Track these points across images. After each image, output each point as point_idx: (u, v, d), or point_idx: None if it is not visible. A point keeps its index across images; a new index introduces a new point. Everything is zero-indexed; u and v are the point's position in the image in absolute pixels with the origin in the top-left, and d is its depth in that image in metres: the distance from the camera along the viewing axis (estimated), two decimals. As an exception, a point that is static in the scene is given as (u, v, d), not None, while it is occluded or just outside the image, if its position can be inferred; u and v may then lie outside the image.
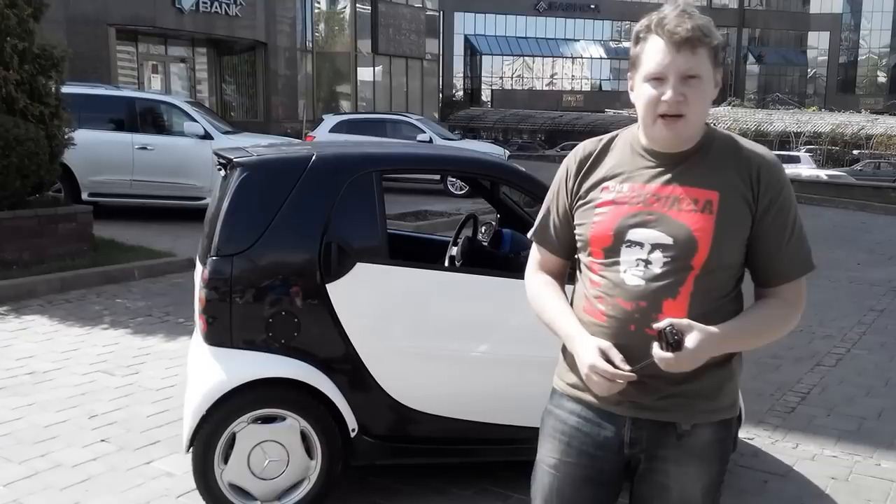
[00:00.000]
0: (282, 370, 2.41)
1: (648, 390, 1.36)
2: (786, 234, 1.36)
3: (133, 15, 15.29)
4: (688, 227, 1.31)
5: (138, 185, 8.18)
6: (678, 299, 1.32)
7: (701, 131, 1.37)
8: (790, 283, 1.38)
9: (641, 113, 1.34)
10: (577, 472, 1.44)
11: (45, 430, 3.16)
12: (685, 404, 1.37)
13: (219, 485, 2.40)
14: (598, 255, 1.38)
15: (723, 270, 1.35)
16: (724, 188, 1.33)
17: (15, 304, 5.09)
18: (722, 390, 1.41)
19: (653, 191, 1.35)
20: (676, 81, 1.28)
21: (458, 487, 2.75)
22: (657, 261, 1.32)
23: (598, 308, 1.38)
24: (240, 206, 2.46)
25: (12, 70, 5.78)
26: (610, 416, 1.40)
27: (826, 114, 33.53)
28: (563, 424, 1.45)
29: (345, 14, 25.01)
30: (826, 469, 3.02)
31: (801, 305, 1.40)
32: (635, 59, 1.35)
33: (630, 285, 1.34)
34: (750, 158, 1.36)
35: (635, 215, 1.34)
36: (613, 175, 1.39)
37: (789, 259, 1.37)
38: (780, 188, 1.36)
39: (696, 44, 1.28)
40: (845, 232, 10.64)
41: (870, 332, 5.19)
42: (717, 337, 1.29)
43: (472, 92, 46.78)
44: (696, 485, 1.41)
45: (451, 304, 2.57)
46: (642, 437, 1.40)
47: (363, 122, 13.13)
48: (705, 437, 1.39)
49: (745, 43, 50.93)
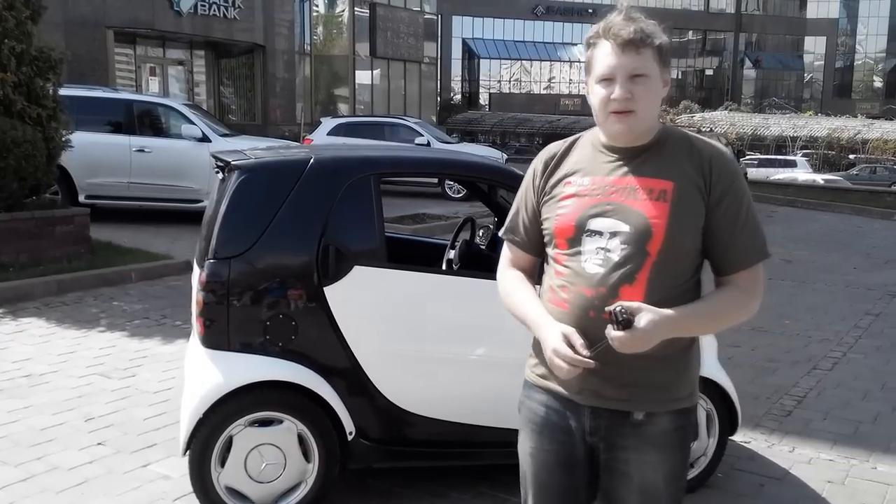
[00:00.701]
0: (279, 373, 2.41)
1: (607, 379, 1.41)
2: (739, 223, 1.42)
3: (131, 17, 15.29)
4: (643, 214, 1.39)
5: (136, 187, 8.17)
6: (635, 286, 1.38)
7: (656, 128, 1.46)
8: (746, 271, 1.43)
9: (596, 111, 1.44)
10: (549, 458, 1.51)
11: (41, 433, 3.15)
12: (642, 394, 1.43)
13: (216, 488, 2.40)
14: (563, 247, 1.46)
15: (679, 258, 1.41)
16: (678, 178, 1.41)
17: (11, 307, 5.08)
18: (678, 380, 1.46)
19: (611, 182, 1.43)
20: (624, 80, 1.38)
21: (456, 491, 2.74)
22: (615, 248, 1.39)
23: (561, 297, 1.44)
24: (237, 208, 2.46)
25: (10, 72, 5.77)
26: (572, 405, 1.47)
27: (822, 118, 33.68)
28: (534, 414, 1.53)
29: (343, 17, 25.04)
30: (822, 472, 3.02)
31: (757, 293, 1.45)
32: (588, 63, 1.45)
33: (590, 273, 1.41)
34: (702, 151, 1.44)
35: (596, 206, 1.42)
36: (575, 171, 1.48)
37: (744, 247, 1.42)
38: (731, 178, 1.43)
39: (639, 45, 1.37)
40: (841, 236, 10.67)
41: (866, 335, 5.21)
42: (668, 319, 1.34)
43: (469, 95, 46.84)
44: (656, 473, 1.45)
45: (449, 307, 2.57)
46: (601, 425, 1.46)
47: (361, 125, 13.13)
48: (663, 426, 1.44)
49: (741, 47, 51.15)
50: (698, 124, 26.13)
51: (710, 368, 2.81)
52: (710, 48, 51.78)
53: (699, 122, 28.79)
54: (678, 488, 1.50)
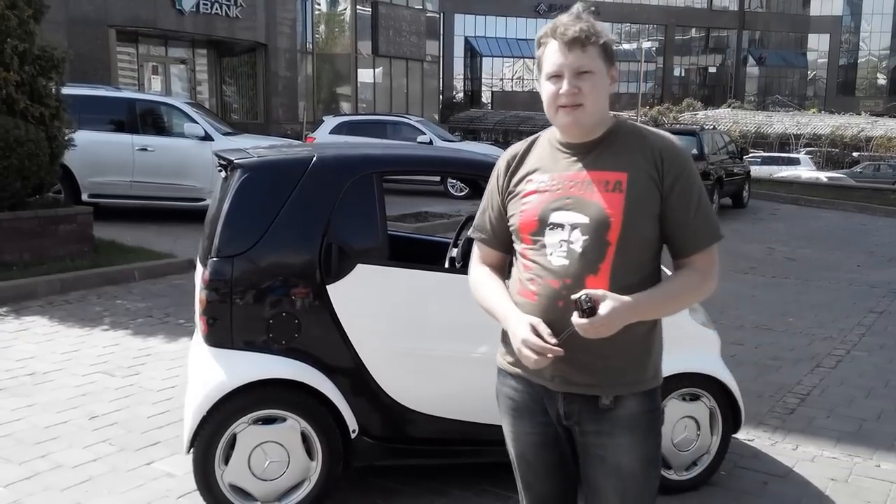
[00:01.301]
0: (282, 371, 2.42)
1: (576, 366, 1.48)
2: (691, 208, 1.49)
3: (133, 16, 15.30)
4: (601, 205, 1.46)
5: (138, 186, 8.19)
6: (599, 275, 1.46)
7: (607, 123, 1.53)
8: (701, 254, 1.51)
9: (546, 107, 1.51)
10: (532, 439, 1.60)
11: (45, 431, 3.16)
12: (608, 378, 1.50)
13: (219, 486, 2.40)
14: (528, 241, 1.53)
15: (638, 245, 1.48)
16: (631, 169, 1.49)
17: (15, 305, 5.09)
18: (642, 362, 1.53)
19: (570, 177, 1.51)
20: (571, 76, 1.46)
21: (459, 488, 2.75)
22: (577, 240, 1.47)
23: (530, 289, 1.51)
24: (240, 207, 2.46)
25: (13, 71, 5.79)
26: (546, 392, 1.55)
27: (826, 116, 33.54)
28: (511, 400, 1.61)
29: (345, 16, 25.03)
30: (826, 470, 3.02)
31: (713, 274, 1.53)
32: (538, 61, 1.52)
33: (556, 266, 1.48)
34: (653, 142, 1.51)
35: (556, 200, 1.50)
36: (536, 168, 1.56)
37: (698, 230, 1.50)
38: (682, 166, 1.50)
39: (585, 42, 1.45)
40: (845, 234, 10.64)
41: (869, 333, 5.20)
42: (629, 304, 1.41)
43: (472, 94, 46.77)
44: (632, 456, 1.52)
45: (451, 305, 2.57)
46: (574, 410, 1.53)
47: (363, 123, 13.13)
48: (632, 409, 1.51)
49: (745, 45, 50.98)
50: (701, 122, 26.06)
51: (713, 366, 2.80)
52: (713, 45, 51.63)
53: (702, 120, 28.72)
54: (654, 475, 1.57)
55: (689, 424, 2.77)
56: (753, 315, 5.60)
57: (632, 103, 35.39)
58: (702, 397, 2.79)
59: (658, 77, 48.29)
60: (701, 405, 2.79)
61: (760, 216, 12.36)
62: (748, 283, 6.88)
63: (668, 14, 47.00)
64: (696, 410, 2.78)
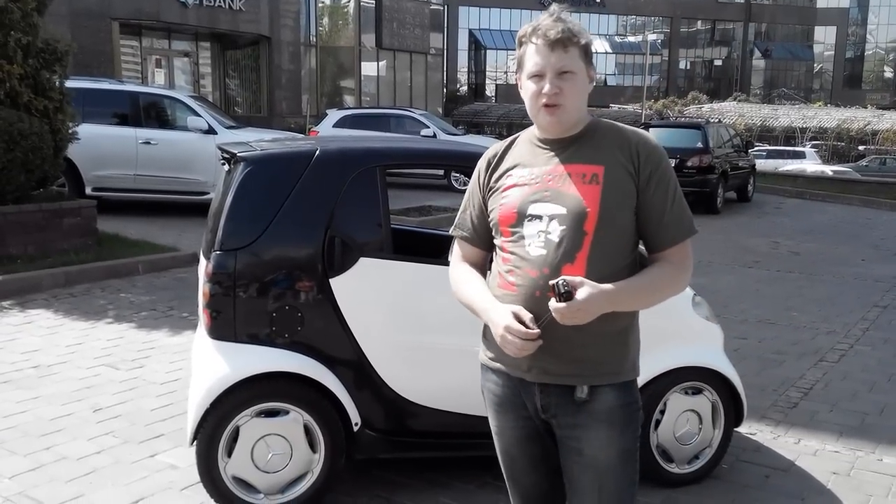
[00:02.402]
0: (285, 364, 2.42)
1: (554, 356, 1.50)
2: (668, 203, 1.53)
3: (136, 9, 15.29)
4: (578, 196, 1.50)
5: (142, 179, 8.19)
6: (576, 264, 1.48)
7: (585, 120, 1.57)
8: (676, 247, 1.55)
9: (528, 105, 1.55)
10: (515, 433, 1.63)
11: (50, 423, 3.18)
12: (585, 368, 1.52)
13: (223, 478, 2.41)
14: (507, 234, 1.56)
15: (615, 236, 1.51)
16: (608, 162, 1.52)
17: (20, 298, 5.12)
18: (619, 353, 1.56)
19: (548, 171, 1.55)
20: (552, 76, 1.49)
21: (461, 481, 2.76)
22: (555, 230, 1.50)
23: (509, 280, 1.54)
24: (243, 200, 2.46)
25: (16, 64, 5.79)
26: (523, 384, 1.57)
27: (832, 109, 33.32)
28: (494, 395, 1.64)
29: (349, 8, 24.94)
30: (828, 464, 3.02)
31: (687, 267, 1.57)
32: (520, 60, 1.55)
33: (534, 256, 1.50)
34: (630, 137, 1.55)
35: (535, 193, 1.54)
36: (516, 165, 1.60)
37: (674, 224, 1.54)
38: (658, 161, 1.54)
39: (566, 43, 1.49)
40: (850, 228, 10.60)
41: (873, 328, 5.18)
42: (606, 292, 1.44)
43: (476, 87, 46.63)
44: (609, 449, 1.54)
45: (454, 298, 2.57)
46: (551, 402, 1.55)
47: (367, 116, 13.10)
48: (609, 402, 1.53)
49: (751, 37, 50.63)
50: (706, 115, 25.91)
51: (716, 360, 2.80)
52: (718, 38, 51.28)
53: (707, 113, 28.57)
54: (632, 469, 1.58)
55: (691, 418, 2.77)
56: (757, 309, 5.59)
57: (636, 96, 35.23)
58: (704, 391, 2.79)
59: (663, 70, 48.02)
60: (703, 399, 2.79)
61: (765, 210, 12.31)
62: (752, 277, 6.86)
63: (674, 6, 46.66)
64: (699, 404, 2.78)
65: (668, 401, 2.74)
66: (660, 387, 2.69)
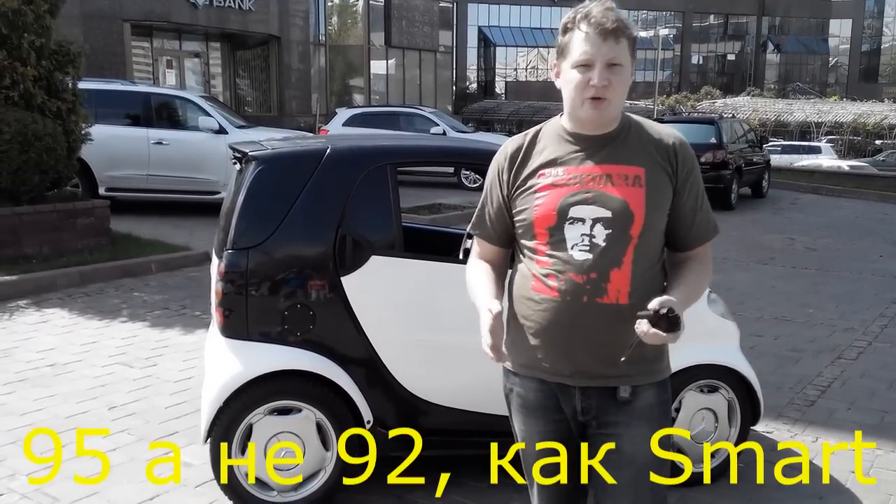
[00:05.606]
0: (297, 362, 2.43)
1: (599, 360, 1.49)
2: (699, 203, 1.55)
3: (147, 10, 15.40)
4: (623, 199, 1.46)
5: (154, 179, 8.26)
6: (623, 269, 1.46)
7: (619, 117, 1.53)
8: (703, 246, 1.58)
9: (570, 96, 1.47)
10: (543, 436, 1.61)
11: (65, 421, 3.21)
12: (630, 370, 1.50)
13: (236, 475, 2.42)
14: (543, 237, 1.50)
15: (654, 238, 1.51)
16: (647, 164, 1.50)
17: (35, 298, 5.17)
18: (658, 352, 1.55)
19: (587, 171, 1.49)
20: (602, 68, 1.43)
21: (473, 479, 2.75)
22: (600, 234, 1.46)
23: (549, 285, 1.49)
24: (255, 199, 2.46)
25: (30, 66, 5.85)
26: (562, 389, 1.55)
27: (848, 103, 32.85)
28: (526, 399, 1.60)
29: (358, 7, 24.97)
30: (846, 463, 2.97)
31: (711, 263, 1.60)
32: (563, 48, 1.47)
33: (579, 260, 1.46)
34: (664, 138, 1.53)
35: (575, 194, 1.48)
36: (548, 162, 1.52)
37: (704, 224, 1.56)
38: (693, 163, 1.54)
39: (619, 34, 1.43)
40: (867, 223, 10.45)
41: (892, 325, 5.10)
42: (681, 304, 1.42)
43: (485, 84, 46.50)
44: (647, 446, 1.53)
45: (466, 296, 2.55)
46: (592, 405, 1.53)
47: (376, 115, 13.11)
48: (649, 400, 1.53)
49: (764, 31, 50.07)
50: (720, 110, 25.68)
51: (732, 357, 2.77)
52: (732, 32, 50.76)
53: (720, 108, 28.31)
54: (665, 466, 1.57)
55: (707, 416, 2.74)
56: (773, 306, 5.53)
57: (649, 92, 34.95)
58: (720, 389, 2.76)
59: (675, 65, 47.64)
60: (719, 397, 2.76)
61: (780, 206, 12.18)
62: (768, 273, 6.78)
63: (686, 0, 46.31)
64: (715, 402, 2.75)
65: (684, 399, 2.71)
66: (675, 384, 2.64)
